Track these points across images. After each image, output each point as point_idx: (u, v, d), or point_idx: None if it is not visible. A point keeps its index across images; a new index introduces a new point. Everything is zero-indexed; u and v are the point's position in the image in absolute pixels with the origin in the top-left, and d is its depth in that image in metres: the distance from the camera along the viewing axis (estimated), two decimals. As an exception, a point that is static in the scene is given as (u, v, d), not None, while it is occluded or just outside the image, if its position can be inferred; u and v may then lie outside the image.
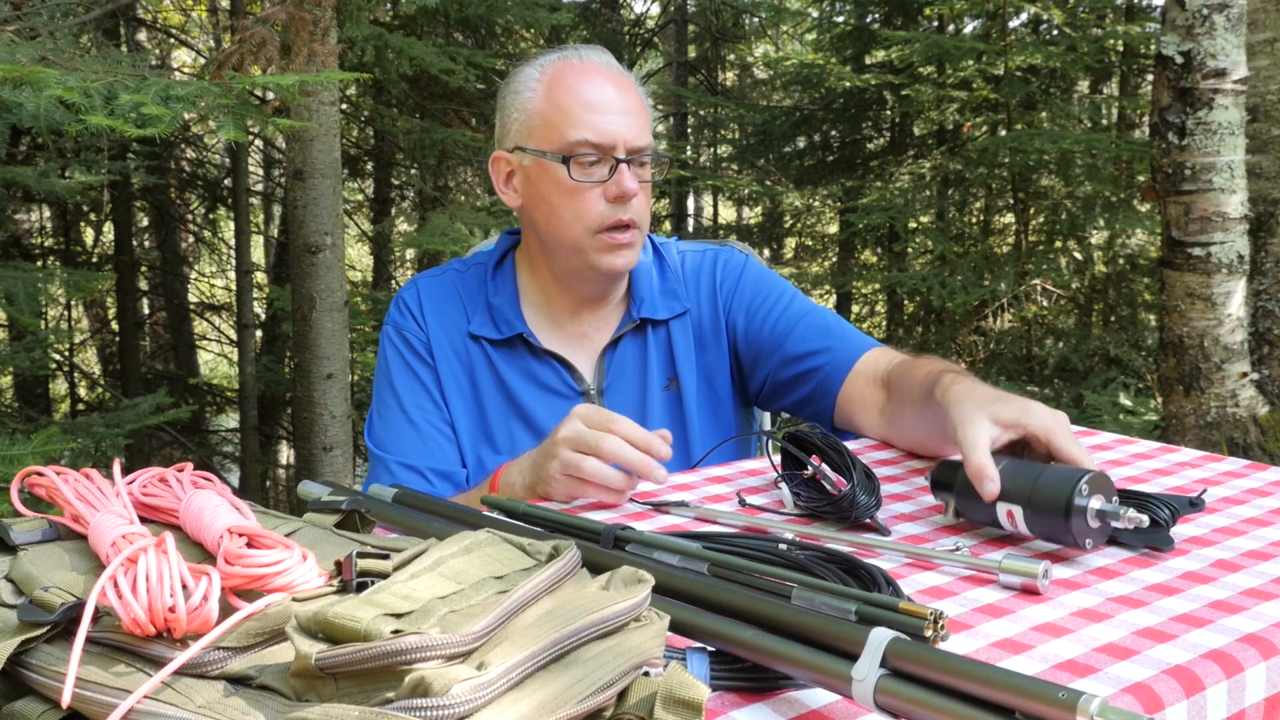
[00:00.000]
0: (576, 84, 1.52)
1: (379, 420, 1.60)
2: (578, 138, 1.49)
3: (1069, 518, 1.01)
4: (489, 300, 1.62)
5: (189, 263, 8.47)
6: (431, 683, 0.56)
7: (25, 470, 0.83)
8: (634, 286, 1.65)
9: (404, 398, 1.59)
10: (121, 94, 2.25)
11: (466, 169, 6.56)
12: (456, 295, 1.64)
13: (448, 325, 1.61)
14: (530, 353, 1.60)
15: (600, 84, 1.53)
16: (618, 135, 1.50)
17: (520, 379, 1.60)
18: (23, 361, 3.99)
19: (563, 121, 1.51)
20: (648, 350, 1.62)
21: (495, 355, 1.60)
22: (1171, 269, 3.62)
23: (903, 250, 7.28)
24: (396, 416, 1.58)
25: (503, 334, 1.60)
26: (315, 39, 2.93)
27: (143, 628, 0.65)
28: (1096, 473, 1.03)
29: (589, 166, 1.50)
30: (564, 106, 1.51)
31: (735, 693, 0.77)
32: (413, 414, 1.58)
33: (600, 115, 1.50)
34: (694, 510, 1.20)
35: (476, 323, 1.61)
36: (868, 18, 7.75)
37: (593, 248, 1.52)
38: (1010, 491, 1.05)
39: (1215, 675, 0.80)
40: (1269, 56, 3.78)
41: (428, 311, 1.62)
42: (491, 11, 5.28)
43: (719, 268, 1.67)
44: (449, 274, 1.67)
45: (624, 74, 1.57)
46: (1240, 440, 3.58)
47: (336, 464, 4.30)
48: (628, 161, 1.50)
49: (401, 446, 1.56)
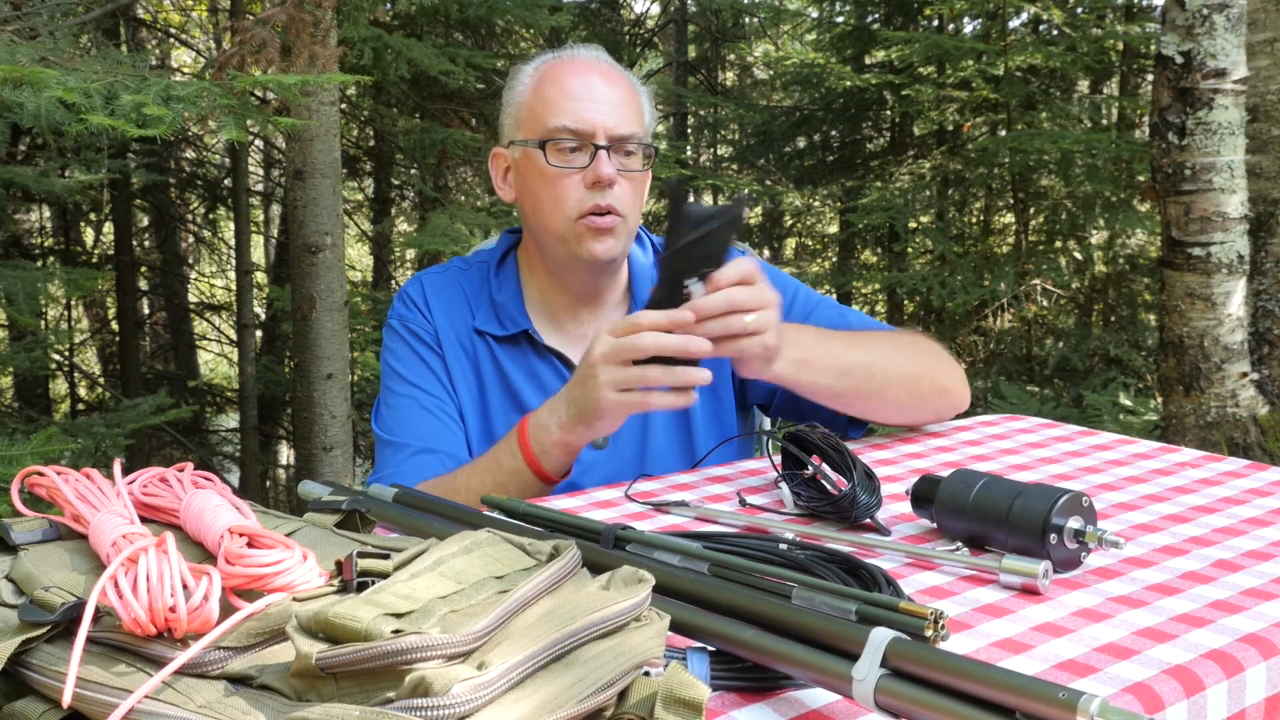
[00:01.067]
0: (562, 76, 1.55)
1: (388, 409, 1.59)
2: (556, 124, 1.51)
3: (1044, 538, 1.00)
4: (493, 297, 1.62)
5: (189, 263, 8.46)
6: (432, 682, 0.56)
7: (26, 470, 0.83)
8: (634, 287, 1.65)
9: (415, 384, 1.58)
10: (122, 94, 2.25)
11: (466, 169, 6.56)
12: (461, 291, 1.64)
13: (453, 319, 1.62)
14: (534, 350, 1.60)
15: (585, 75, 1.54)
16: (597, 122, 1.51)
17: (523, 375, 1.60)
18: (23, 361, 3.99)
19: (545, 110, 1.53)
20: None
21: (499, 351, 1.60)
22: (1171, 269, 3.62)
23: (903, 250, 7.28)
24: (408, 403, 1.57)
25: (507, 330, 1.60)
26: (316, 40, 2.94)
27: (143, 628, 0.65)
28: (1073, 494, 1.03)
29: (569, 153, 1.51)
30: (547, 96, 1.54)
31: (735, 693, 0.77)
32: (424, 400, 1.57)
33: (581, 103, 1.52)
34: (694, 510, 1.20)
35: (481, 318, 1.61)
36: (868, 18, 7.75)
37: (574, 235, 1.52)
38: (988, 510, 1.05)
39: (1215, 675, 0.80)
40: (1269, 56, 3.78)
41: (433, 305, 1.62)
42: (491, 12, 5.28)
43: None
44: (452, 271, 1.67)
45: (614, 68, 1.59)
46: (1240, 440, 3.58)
47: (336, 464, 4.30)
48: (609, 149, 1.51)
49: (418, 431, 1.55)
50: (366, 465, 7.52)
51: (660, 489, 1.31)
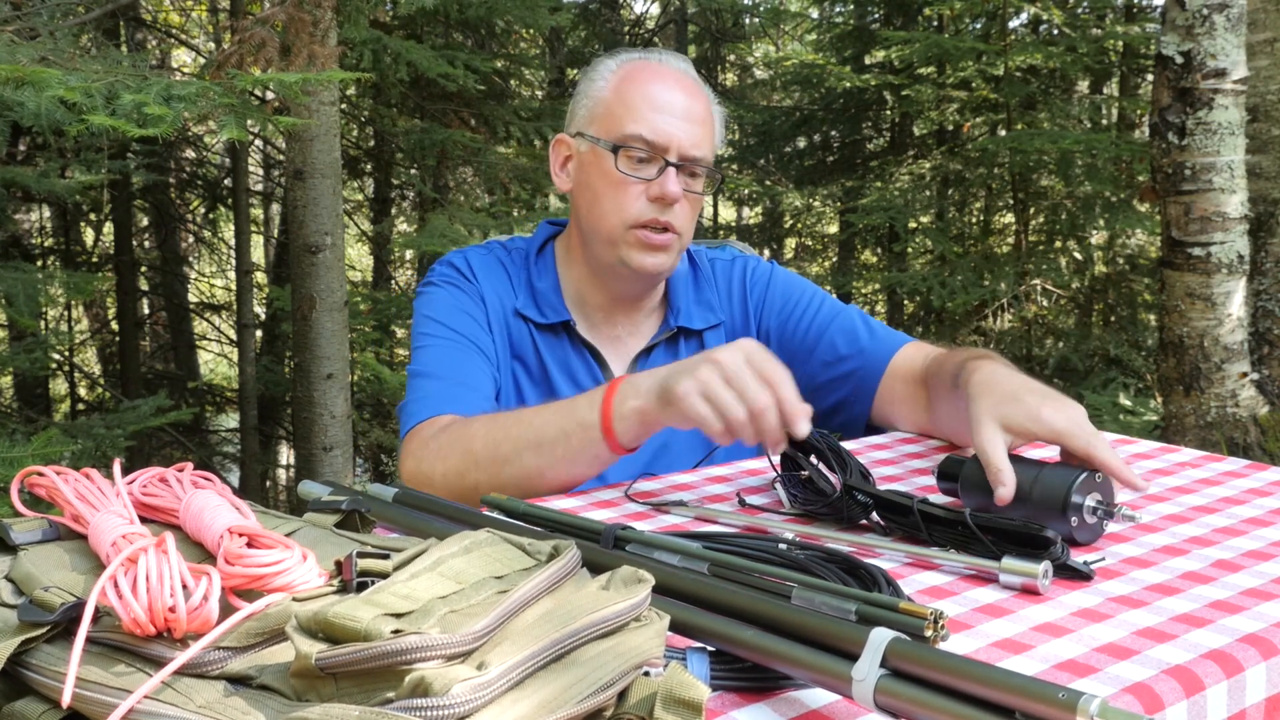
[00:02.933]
0: (647, 81, 1.53)
1: (422, 350, 1.51)
2: (633, 131, 1.50)
3: (1065, 514, 1.05)
4: (533, 283, 1.61)
5: (189, 263, 8.46)
6: (431, 683, 0.56)
7: (25, 470, 0.83)
8: (671, 295, 1.64)
9: (455, 329, 1.52)
10: (123, 94, 2.25)
11: (466, 169, 6.56)
12: (504, 270, 1.62)
13: (500, 294, 1.59)
14: (570, 342, 1.59)
15: (670, 87, 1.53)
16: (673, 138, 1.50)
17: (558, 366, 1.59)
18: (23, 362, 3.99)
19: (624, 114, 1.51)
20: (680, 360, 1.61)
21: (539, 338, 1.59)
22: (1171, 269, 3.62)
23: (903, 250, 7.29)
24: (444, 344, 1.50)
25: (548, 319, 1.59)
26: (315, 40, 2.94)
27: (143, 628, 0.65)
28: (1090, 473, 1.07)
29: (638, 163, 1.50)
30: (629, 100, 1.52)
31: (735, 693, 0.77)
32: (463, 344, 1.50)
33: (661, 115, 1.50)
34: (694, 510, 1.20)
35: (523, 301, 1.59)
36: (867, 18, 7.75)
37: (626, 243, 1.52)
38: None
39: (1215, 675, 0.80)
40: (1269, 56, 3.78)
41: (480, 276, 1.59)
42: (491, 12, 5.28)
43: (749, 277, 1.68)
44: (495, 250, 1.64)
45: (699, 85, 1.57)
46: (1240, 440, 3.58)
47: (336, 464, 4.30)
48: (678, 166, 1.50)
49: (456, 366, 1.48)
50: (366, 465, 7.52)
51: (660, 489, 1.31)
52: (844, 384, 1.59)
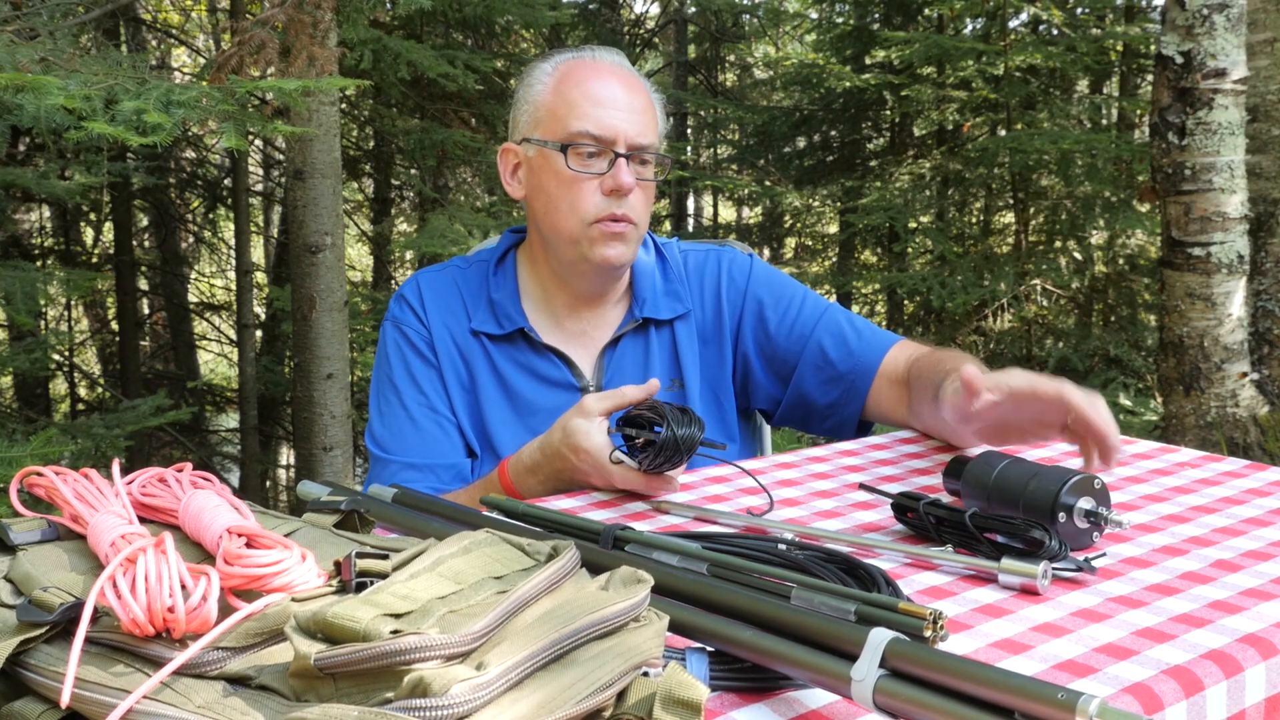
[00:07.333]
0: (585, 79, 1.55)
1: (379, 421, 1.60)
2: (578, 128, 1.51)
3: (1055, 517, 1.05)
4: (490, 296, 1.62)
5: (189, 263, 8.46)
6: (431, 683, 0.56)
7: (24, 470, 0.83)
8: (636, 286, 1.65)
9: (405, 395, 1.59)
10: (123, 99, 2.24)
11: (466, 169, 6.56)
12: (457, 291, 1.64)
13: (449, 321, 1.62)
14: (531, 348, 1.61)
15: (608, 80, 1.55)
16: (619, 129, 1.51)
17: (519, 374, 1.60)
18: (23, 362, 3.99)
19: (567, 113, 1.53)
20: (650, 350, 1.63)
21: (495, 351, 1.61)
22: (1171, 269, 3.62)
23: (903, 250, 7.28)
24: (398, 415, 1.58)
25: (504, 329, 1.60)
26: (315, 42, 2.93)
27: (142, 628, 0.65)
28: (1083, 475, 1.08)
29: (588, 158, 1.52)
30: (570, 99, 1.54)
31: (735, 693, 0.77)
32: (414, 411, 1.58)
33: (603, 109, 1.52)
34: (693, 510, 1.20)
35: (478, 319, 1.61)
36: (867, 18, 7.75)
37: (587, 239, 1.53)
38: (1005, 488, 1.10)
39: (1215, 675, 0.80)
40: (1269, 56, 3.78)
41: (429, 306, 1.62)
42: (491, 11, 5.28)
43: (723, 269, 1.68)
44: (450, 270, 1.67)
45: (635, 75, 1.59)
46: (1240, 440, 3.58)
47: (336, 464, 4.30)
48: (627, 157, 1.51)
49: (404, 446, 1.56)
50: (366, 465, 7.52)
51: (660, 489, 1.30)
52: (834, 387, 1.60)
